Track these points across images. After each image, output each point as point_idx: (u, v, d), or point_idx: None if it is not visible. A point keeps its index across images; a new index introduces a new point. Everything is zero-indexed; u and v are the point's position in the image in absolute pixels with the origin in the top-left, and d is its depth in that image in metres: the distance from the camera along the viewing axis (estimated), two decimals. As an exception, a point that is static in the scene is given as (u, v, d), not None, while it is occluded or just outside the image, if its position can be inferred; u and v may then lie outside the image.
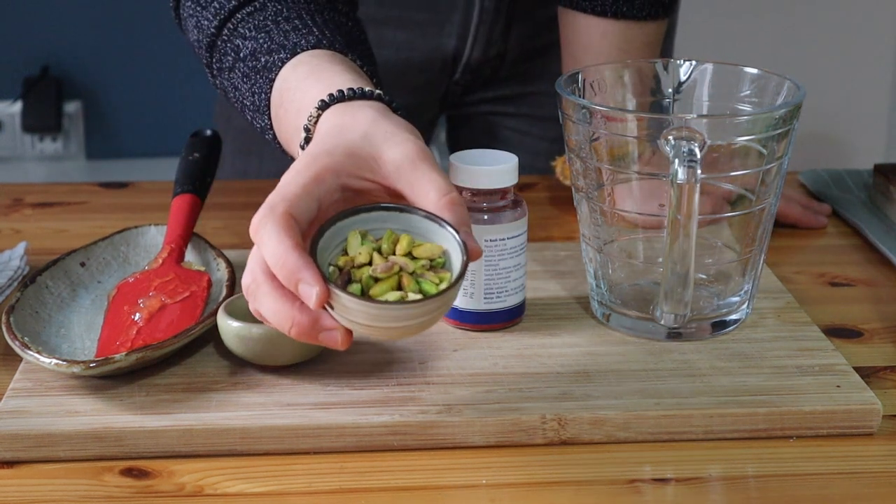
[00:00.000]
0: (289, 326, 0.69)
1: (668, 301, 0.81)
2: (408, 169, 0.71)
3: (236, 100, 0.90)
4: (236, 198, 1.14)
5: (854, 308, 0.94)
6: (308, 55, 0.84)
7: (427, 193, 0.71)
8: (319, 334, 0.69)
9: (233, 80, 0.90)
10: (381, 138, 0.73)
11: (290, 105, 0.82)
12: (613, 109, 0.86)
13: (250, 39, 0.88)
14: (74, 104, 3.05)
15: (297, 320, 0.68)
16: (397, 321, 0.68)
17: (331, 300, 0.68)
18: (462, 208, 0.71)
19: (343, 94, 0.77)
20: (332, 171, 0.71)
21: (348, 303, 0.67)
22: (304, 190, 0.70)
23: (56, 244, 1.05)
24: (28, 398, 0.78)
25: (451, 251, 0.71)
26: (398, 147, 0.72)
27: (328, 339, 0.69)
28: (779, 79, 0.87)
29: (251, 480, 0.73)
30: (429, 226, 0.71)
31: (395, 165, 0.72)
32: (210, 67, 0.93)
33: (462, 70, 1.26)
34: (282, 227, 0.68)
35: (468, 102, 1.32)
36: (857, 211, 1.11)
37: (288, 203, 0.69)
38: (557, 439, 0.76)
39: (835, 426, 0.77)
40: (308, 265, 0.67)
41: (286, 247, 0.67)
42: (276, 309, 0.69)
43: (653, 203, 0.84)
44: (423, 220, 0.71)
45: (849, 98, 2.71)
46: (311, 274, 0.67)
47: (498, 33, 1.23)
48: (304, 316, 0.68)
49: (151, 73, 3.03)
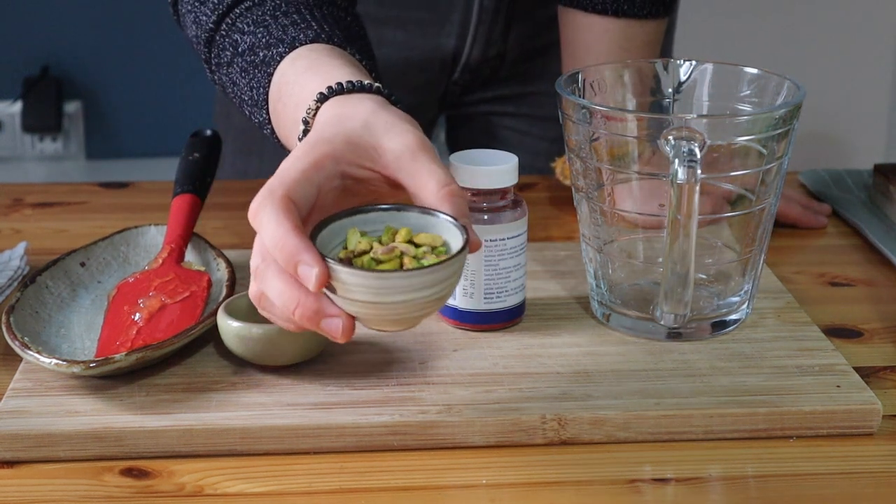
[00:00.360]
0: (294, 307, 0.68)
1: (668, 301, 0.81)
2: (408, 159, 0.71)
3: (235, 95, 0.90)
4: (236, 198, 1.14)
5: (854, 308, 0.94)
6: (307, 49, 0.84)
7: (426, 184, 0.71)
8: (322, 321, 0.68)
9: (231, 75, 0.90)
10: (381, 128, 0.73)
11: (289, 99, 0.82)
12: (613, 109, 0.86)
13: (249, 34, 0.88)
14: (74, 104, 3.05)
15: (303, 302, 0.67)
16: (399, 293, 0.67)
17: (332, 282, 0.67)
18: (462, 200, 0.71)
19: (342, 86, 0.77)
20: (332, 158, 0.71)
21: (349, 278, 0.66)
22: (304, 175, 0.70)
23: (56, 244, 1.05)
24: (28, 398, 0.78)
25: (451, 240, 0.70)
26: (398, 137, 0.72)
27: (330, 326, 0.68)
28: (779, 79, 0.87)
29: (251, 480, 0.73)
30: (427, 220, 0.71)
31: (395, 156, 0.72)
32: (208, 63, 0.93)
33: (461, 70, 1.26)
34: (281, 210, 0.68)
35: (467, 102, 1.32)
36: (857, 211, 1.11)
37: (287, 187, 0.69)
38: (557, 439, 0.76)
39: (835, 426, 0.77)
40: (308, 247, 0.67)
41: (285, 229, 0.67)
42: (281, 289, 0.68)
43: (653, 203, 0.84)
44: (421, 216, 0.71)
45: (849, 98, 2.71)
46: (310, 255, 0.66)
47: (497, 33, 1.23)
48: (311, 298, 0.68)
49: (151, 73, 3.04)
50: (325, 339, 0.82)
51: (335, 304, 0.68)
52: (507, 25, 1.24)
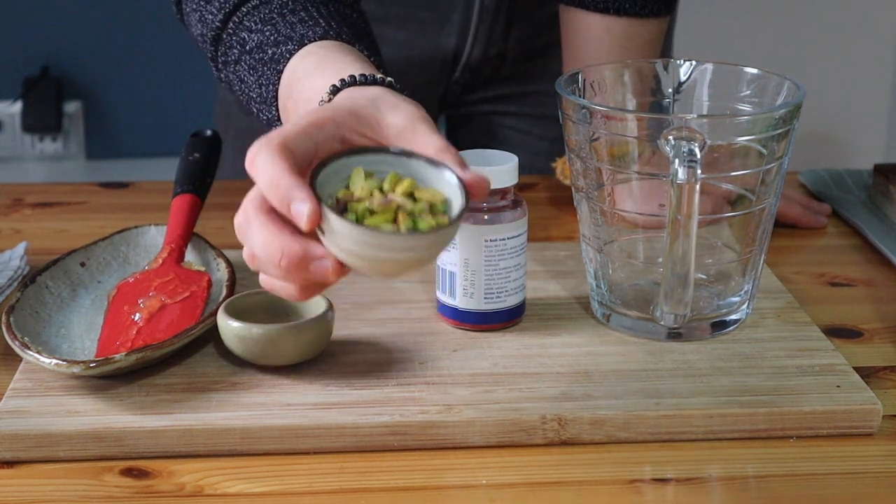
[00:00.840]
0: (279, 257, 0.66)
1: (668, 301, 0.81)
2: (409, 131, 0.71)
3: (242, 93, 0.90)
4: (236, 198, 1.13)
5: (854, 308, 0.94)
6: (316, 46, 0.84)
7: (425, 147, 0.70)
8: (310, 265, 0.66)
9: (238, 72, 0.90)
10: (386, 104, 0.73)
11: (300, 95, 0.82)
12: (613, 109, 0.86)
13: (256, 32, 0.88)
14: (74, 104, 3.05)
15: (288, 249, 0.66)
16: (385, 251, 0.66)
17: (322, 226, 0.66)
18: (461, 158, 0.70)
19: (355, 79, 0.77)
20: (334, 122, 0.71)
21: (338, 226, 0.65)
22: (304, 130, 0.69)
23: (56, 244, 1.05)
24: (28, 398, 0.78)
25: (454, 200, 0.69)
26: (402, 113, 0.72)
27: (318, 269, 0.67)
28: (779, 79, 0.87)
29: (251, 480, 0.73)
30: (433, 173, 0.69)
31: (397, 129, 0.72)
32: (215, 61, 0.93)
33: (462, 69, 1.26)
34: (277, 154, 0.67)
35: (468, 102, 1.32)
36: (857, 211, 1.11)
37: (284, 137, 0.68)
38: (557, 439, 0.76)
39: (835, 426, 0.77)
40: (302, 186, 0.66)
41: (280, 169, 0.66)
42: (265, 241, 0.67)
43: (653, 203, 0.84)
44: (428, 167, 0.69)
45: (849, 98, 2.71)
46: (304, 193, 0.66)
47: (498, 32, 1.23)
48: (296, 244, 0.66)
49: (151, 73, 3.03)
50: (326, 339, 0.82)
51: (324, 247, 0.67)
52: (508, 25, 1.24)
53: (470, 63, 1.25)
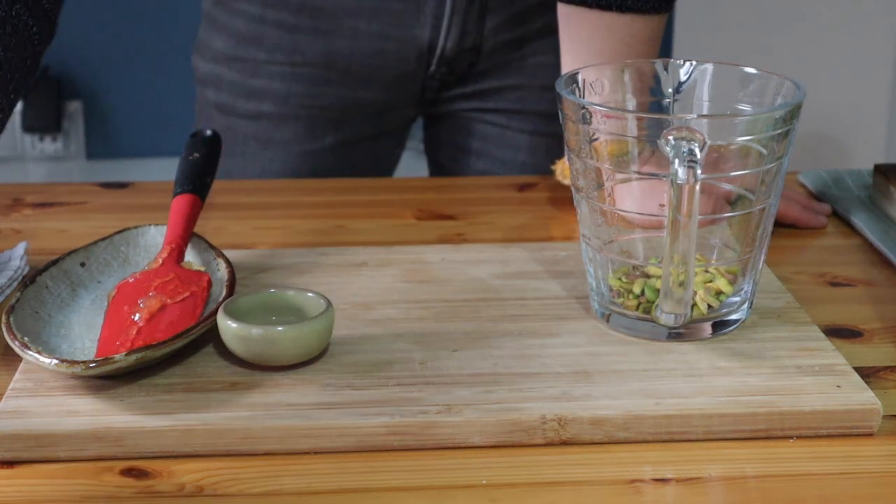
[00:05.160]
0: None
1: (668, 301, 0.81)
2: None
3: None
4: (236, 198, 1.14)
5: (854, 308, 0.94)
6: None
7: None
8: None
9: None
10: None
11: None
12: (613, 109, 0.86)
13: None
14: (74, 104, 3.05)
15: None
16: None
17: None
18: None
19: None
20: None
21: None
22: None
23: (56, 244, 1.05)
24: (28, 398, 0.78)
25: None
26: None
27: None
28: (779, 79, 0.87)
29: (251, 480, 0.73)
30: None
31: None
32: None
33: (437, 62, 1.26)
34: None
35: (446, 99, 1.32)
36: (857, 211, 1.11)
37: None
38: (557, 439, 0.76)
39: (835, 426, 0.77)
40: None
41: None
42: None
43: (653, 203, 0.84)
44: None
45: (849, 98, 2.71)
46: None
47: (472, 23, 1.24)
48: None
49: (152, 73, 3.04)
50: (326, 339, 0.82)
51: None
52: (482, 15, 1.24)
53: (445, 55, 1.25)
